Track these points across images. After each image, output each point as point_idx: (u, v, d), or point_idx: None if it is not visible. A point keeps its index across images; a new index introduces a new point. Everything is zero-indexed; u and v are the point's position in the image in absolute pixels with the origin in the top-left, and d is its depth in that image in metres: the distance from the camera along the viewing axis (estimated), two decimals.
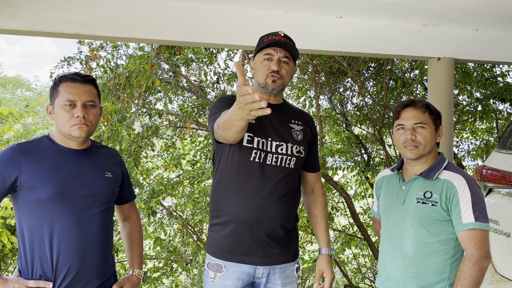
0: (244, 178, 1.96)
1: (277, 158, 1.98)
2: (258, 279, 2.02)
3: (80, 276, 1.78)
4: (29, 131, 8.21)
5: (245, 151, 1.95)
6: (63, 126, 1.78)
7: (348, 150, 6.39)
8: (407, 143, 1.92)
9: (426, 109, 1.94)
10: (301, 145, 2.04)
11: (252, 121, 1.96)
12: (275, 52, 1.98)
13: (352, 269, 7.64)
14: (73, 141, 1.83)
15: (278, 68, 1.97)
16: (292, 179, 2.02)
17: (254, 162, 1.95)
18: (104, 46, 5.74)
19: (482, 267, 1.78)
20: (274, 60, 1.98)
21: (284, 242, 2.02)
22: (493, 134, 6.89)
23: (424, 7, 3.16)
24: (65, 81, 1.79)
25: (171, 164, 5.99)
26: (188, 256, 6.34)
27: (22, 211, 1.75)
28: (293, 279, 2.08)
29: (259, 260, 1.98)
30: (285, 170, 1.99)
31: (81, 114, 1.76)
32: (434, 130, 1.94)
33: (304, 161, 2.11)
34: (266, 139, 1.98)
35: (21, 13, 2.74)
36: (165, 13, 3.02)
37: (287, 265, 2.05)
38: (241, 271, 1.99)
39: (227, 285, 1.99)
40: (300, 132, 2.06)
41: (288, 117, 2.07)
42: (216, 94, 6.24)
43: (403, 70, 6.14)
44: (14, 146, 1.76)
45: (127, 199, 2.09)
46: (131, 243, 2.10)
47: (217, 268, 2.01)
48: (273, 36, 2.00)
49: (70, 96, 1.76)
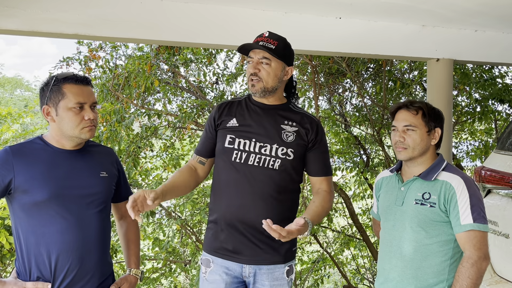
0: (228, 178, 2.02)
1: (260, 158, 1.99)
2: (246, 278, 2.05)
3: (80, 276, 1.77)
4: (28, 132, 8.20)
5: (227, 152, 2.02)
6: (72, 128, 1.76)
7: (347, 151, 6.40)
8: (397, 145, 1.95)
9: (418, 111, 1.93)
10: (289, 147, 2.01)
11: (236, 123, 2.05)
12: (254, 54, 1.99)
13: (351, 270, 7.63)
14: (73, 142, 1.82)
15: (254, 70, 1.98)
16: (279, 180, 2.00)
17: (235, 162, 2.00)
18: (103, 47, 5.73)
19: (480, 268, 1.78)
20: (253, 62, 2.00)
21: (272, 243, 2.01)
22: (492, 135, 6.90)
23: (423, 8, 3.16)
24: (70, 82, 1.76)
25: (170, 165, 5.98)
26: (187, 257, 6.33)
27: (18, 214, 1.74)
28: (283, 281, 2.06)
29: (244, 259, 2.01)
30: (268, 170, 1.99)
31: (92, 117, 1.77)
32: (425, 133, 1.93)
33: (304, 164, 2.10)
34: (250, 139, 2.01)
35: (20, 13, 2.73)
36: (164, 14, 3.02)
37: (275, 267, 2.04)
38: (228, 267, 2.03)
39: (216, 279, 2.04)
40: (292, 134, 2.03)
41: (283, 118, 2.06)
42: (215, 94, 6.24)
43: (402, 71, 6.14)
44: (6, 149, 1.74)
45: (124, 198, 2.08)
46: (128, 242, 2.08)
47: (206, 263, 2.09)
48: (258, 37, 2.01)
49: (80, 98, 1.75)
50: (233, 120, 2.06)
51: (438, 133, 1.96)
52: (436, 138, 1.96)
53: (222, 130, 2.07)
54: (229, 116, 2.08)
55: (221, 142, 2.05)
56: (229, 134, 2.04)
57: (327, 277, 7.55)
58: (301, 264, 7.07)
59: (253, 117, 2.05)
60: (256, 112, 2.06)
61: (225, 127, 2.06)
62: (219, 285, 2.03)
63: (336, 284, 8.41)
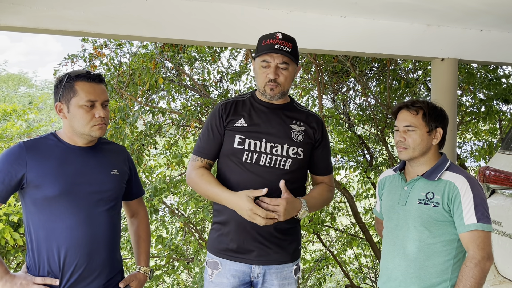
0: (238, 179, 1.98)
1: (271, 159, 1.97)
2: (255, 279, 2.03)
3: (87, 273, 1.79)
4: (32, 128, 8.24)
5: (237, 153, 1.97)
6: (82, 126, 1.77)
7: (350, 150, 6.39)
8: (398, 145, 1.97)
9: (418, 111, 1.93)
10: (299, 147, 2.01)
11: (244, 123, 2.00)
12: (272, 58, 1.94)
13: (353, 269, 7.63)
14: (84, 139, 1.83)
15: (275, 76, 1.95)
16: (289, 180, 1.98)
17: (246, 163, 1.96)
18: (108, 44, 5.75)
19: (484, 268, 1.78)
20: (271, 67, 1.95)
21: (281, 243, 2.01)
22: (496, 135, 6.88)
23: (428, 7, 3.15)
24: (82, 80, 1.77)
25: (174, 163, 6.00)
26: (190, 255, 6.35)
27: (29, 208, 1.76)
28: (291, 280, 2.06)
29: (254, 260, 2.00)
30: (280, 171, 1.97)
31: (102, 115, 1.78)
32: (426, 133, 1.92)
33: (309, 163, 2.10)
34: (260, 140, 1.97)
35: (26, 10, 2.74)
36: (169, 12, 3.02)
37: (284, 266, 2.04)
38: (236, 269, 2.00)
39: (223, 282, 2.01)
40: (301, 133, 2.03)
41: (290, 118, 2.05)
42: (219, 93, 6.24)
43: (406, 70, 6.13)
44: (20, 144, 1.76)
45: (135, 195, 2.09)
46: (138, 240, 2.10)
47: (214, 266, 2.05)
48: (271, 39, 1.95)
49: (91, 96, 1.76)
50: (241, 120, 2.01)
51: (440, 133, 1.95)
52: (437, 138, 1.95)
53: (229, 130, 2.01)
54: (236, 116, 2.02)
55: (230, 143, 1.99)
56: (237, 134, 1.98)
57: (330, 276, 7.55)
58: (303, 263, 7.07)
59: (261, 116, 2.02)
60: (263, 112, 2.04)
61: (232, 127, 2.01)
62: None
63: (339, 283, 8.41)
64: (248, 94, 2.13)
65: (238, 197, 1.88)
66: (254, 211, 1.82)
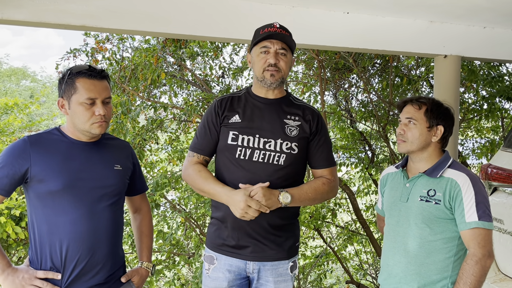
0: (232, 175, 1.98)
1: (265, 154, 1.96)
2: (250, 275, 2.04)
3: (89, 267, 1.79)
4: (34, 122, 8.25)
5: (231, 149, 1.98)
6: (82, 123, 1.77)
7: (352, 147, 6.39)
8: (398, 137, 1.98)
9: (421, 106, 1.94)
10: (293, 142, 1.99)
11: (239, 119, 2.00)
12: (272, 44, 1.96)
13: (354, 265, 7.65)
14: (86, 136, 1.83)
15: (275, 61, 1.96)
16: (284, 176, 1.98)
17: (239, 159, 1.97)
18: (110, 39, 5.75)
19: (484, 266, 1.78)
20: (271, 52, 1.96)
21: (276, 239, 2.02)
22: (498, 132, 6.87)
23: (431, 4, 3.14)
24: (83, 76, 1.75)
25: (175, 158, 6.00)
26: (191, 250, 6.36)
27: (33, 202, 1.77)
28: (287, 277, 2.06)
29: (249, 256, 2.00)
30: (274, 166, 1.97)
31: (102, 113, 1.77)
32: (425, 128, 1.92)
33: (306, 157, 2.08)
34: (253, 136, 1.97)
35: (28, 4, 2.74)
36: (171, 6, 3.02)
37: (279, 263, 2.04)
38: (231, 264, 2.02)
39: (219, 277, 2.03)
40: (295, 128, 2.02)
41: (285, 112, 2.04)
42: (221, 88, 6.24)
43: (409, 67, 6.11)
44: (24, 138, 1.77)
45: (138, 191, 2.09)
46: (141, 235, 2.10)
47: (210, 260, 2.07)
48: (269, 28, 1.98)
49: (91, 94, 1.75)
50: (236, 116, 2.02)
51: (441, 130, 1.94)
52: (437, 135, 1.94)
53: (224, 126, 2.02)
54: (231, 112, 2.03)
55: (224, 139, 2.00)
56: (231, 130, 1.99)
57: (330, 272, 7.57)
58: (304, 259, 7.09)
59: (255, 112, 2.03)
60: (258, 107, 2.04)
61: (227, 123, 2.01)
62: (221, 283, 2.02)
63: (339, 279, 8.42)
64: (244, 90, 2.13)
65: (234, 192, 1.89)
66: (248, 202, 1.83)
